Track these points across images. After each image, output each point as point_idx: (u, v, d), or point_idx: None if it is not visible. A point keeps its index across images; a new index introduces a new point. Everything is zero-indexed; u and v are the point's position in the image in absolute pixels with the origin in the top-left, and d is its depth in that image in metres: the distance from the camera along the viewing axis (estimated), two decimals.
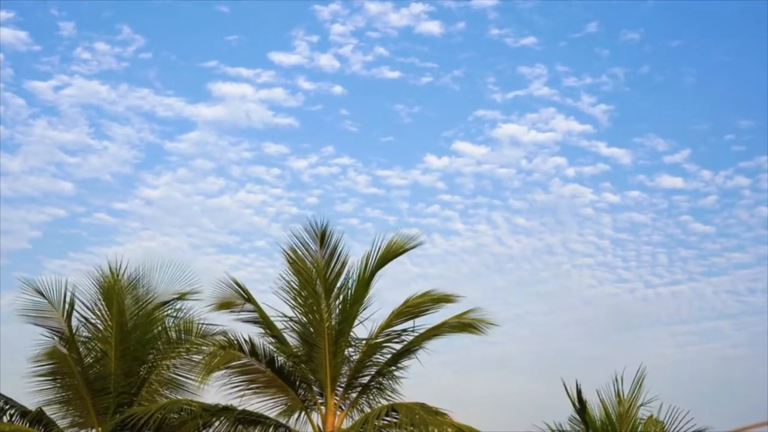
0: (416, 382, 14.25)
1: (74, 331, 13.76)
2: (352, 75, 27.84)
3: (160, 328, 14.34)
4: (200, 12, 26.85)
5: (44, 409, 13.64)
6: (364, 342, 13.95)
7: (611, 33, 28.55)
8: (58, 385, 13.86)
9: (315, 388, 14.00)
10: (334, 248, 13.79)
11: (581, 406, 13.18)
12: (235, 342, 13.76)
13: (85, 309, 14.12)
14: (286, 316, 13.99)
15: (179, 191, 28.49)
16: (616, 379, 12.96)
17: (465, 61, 28.73)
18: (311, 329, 13.88)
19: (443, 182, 29.79)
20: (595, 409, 13.17)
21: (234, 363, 13.80)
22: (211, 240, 29.47)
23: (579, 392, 13.10)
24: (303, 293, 14.00)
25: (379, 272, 14.03)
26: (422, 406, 12.64)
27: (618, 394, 13.08)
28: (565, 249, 32.26)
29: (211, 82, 26.90)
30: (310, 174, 29.23)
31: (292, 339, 14.12)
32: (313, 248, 13.86)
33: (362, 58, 27.94)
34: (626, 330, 33.08)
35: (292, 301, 14.09)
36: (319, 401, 13.97)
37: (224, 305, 14.08)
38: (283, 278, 14.08)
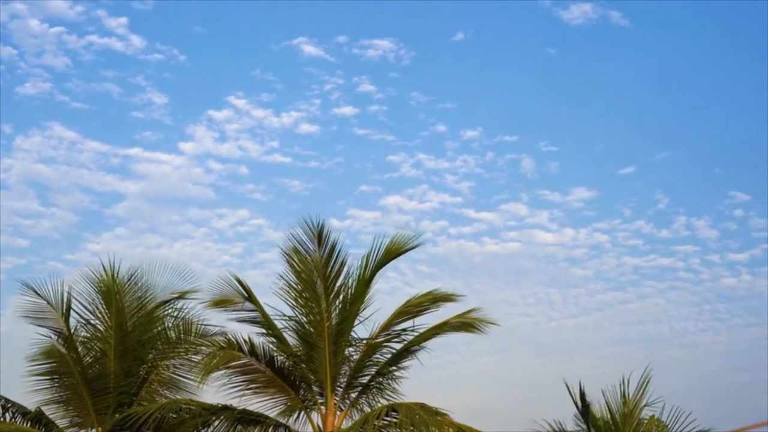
0: (415, 383, 14.38)
1: (73, 330, 13.73)
2: (252, 159, 34.19)
3: (159, 327, 14.28)
4: (119, 116, 33.61)
5: (44, 408, 13.62)
6: (364, 342, 13.82)
7: (455, 131, 34.89)
8: (57, 384, 13.81)
9: (315, 388, 13.89)
10: (332, 247, 13.71)
11: (584, 407, 13.05)
12: (235, 342, 13.67)
13: (84, 309, 14.11)
14: (285, 315, 13.91)
15: (120, 245, 33.63)
16: (623, 380, 12.85)
17: (341, 151, 34.97)
18: (311, 329, 13.78)
19: (348, 239, 33.72)
20: (597, 409, 13.05)
21: (234, 363, 13.70)
22: None
23: (582, 393, 12.99)
24: (303, 293, 13.90)
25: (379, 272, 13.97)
26: (422, 406, 12.49)
27: (624, 395, 12.94)
28: (468, 289, 36.63)
29: (135, 164, 33.45)
30: (233, 232, 34.78)
31: (291, 339, 14.03)
32: (312, 248, 13.78)
33: (258, 148, 34.16)
34: (543, 355, 37.22)
35: (292, 301, 14.00)
36: (319, 401, 13.86)
37: (222, 302, 13.95)
38: (283, 278, 14.03)
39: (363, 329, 13.94)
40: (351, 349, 13.83)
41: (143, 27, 32.79)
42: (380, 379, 13.91)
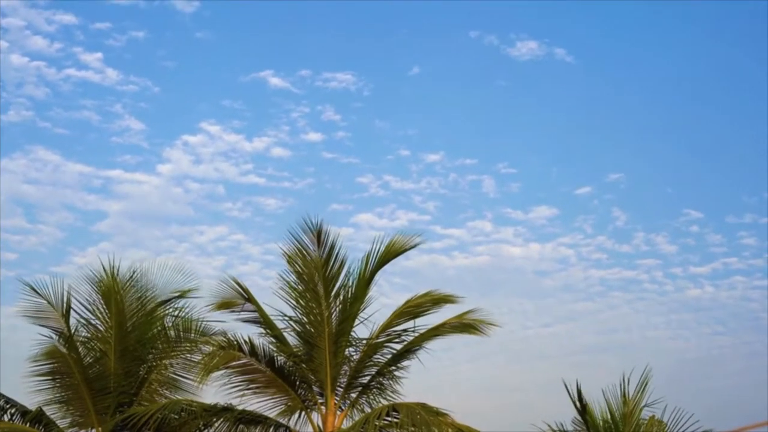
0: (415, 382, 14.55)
1: (73, 330, 13.70)
2: (228, 180, 36.27)
3: (159, 327, 14.25)
4: (99, 140, 35.37)
5: (44, 408, 13.58)
6: (364, 342, 13.83)
7: (417, 155, 37.17)
8: (58, 384, 13.77)
9: (315, 388, 13.90)
10: (332, 247, 13.73)
11: (582, 407, 13.02)
12: (235, 342, 13.67)
13: (85, 309, 14.07)
14: (286, 315, 13.92)
15: (104, 258, 32.39)
16: (623, 380, 12.80)
17: (312, 173, 37.09)
18: (311, 329, 13.79)
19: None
20: (596, 409, 13.03)
21: (234, 363, 13.71)
22: None
23: (579, 393, 12.94)
24: (303, 293, 13.91)
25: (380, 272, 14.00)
26: (423, 406, 12.51)
27: (624, 395, 12.91)
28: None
29: (117, 184, 35.41)
30: (213, 246, 36.69)
31: (292, 339, 14.05)
32: (312, 248, 13.80)
33: (233, 169, 36.13)
34: (521, 362, 38.62)
35: (293, 301, 14.01)
36: (319, 401, 13.88)
37: (224, 305, 13.97)
38: (283, 278, 14.04)
39: (363, 329, 14.00)
40: (351, 349, 13.85)
41: (117, 61, 34.91)
42: (380, 379, 13.93)
